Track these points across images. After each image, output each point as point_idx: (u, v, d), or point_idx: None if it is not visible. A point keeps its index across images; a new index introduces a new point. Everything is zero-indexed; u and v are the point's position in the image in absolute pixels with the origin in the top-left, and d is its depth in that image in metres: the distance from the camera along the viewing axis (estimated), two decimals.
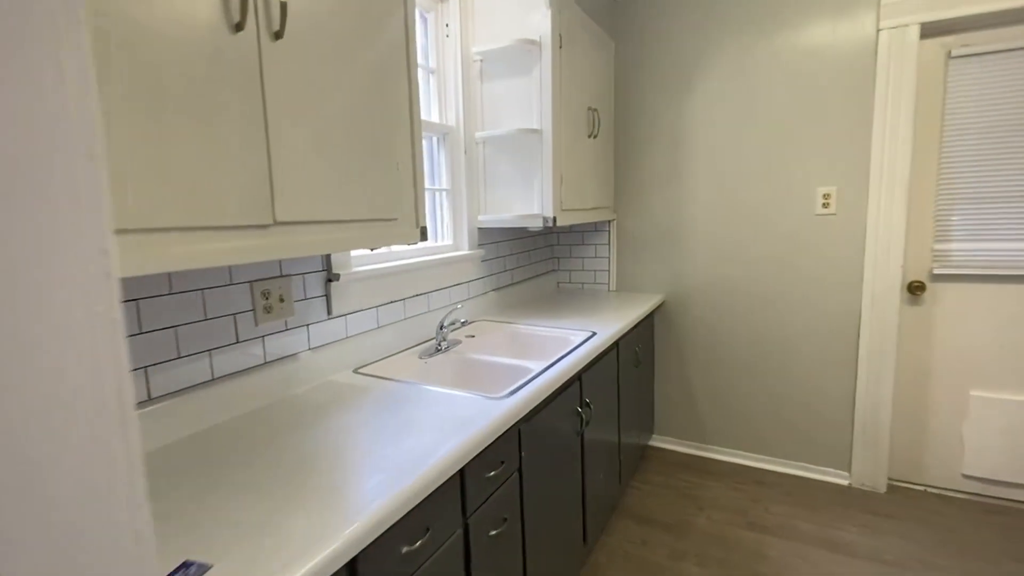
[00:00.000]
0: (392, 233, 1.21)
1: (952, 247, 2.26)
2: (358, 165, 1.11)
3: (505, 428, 1.23)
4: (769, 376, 2.58)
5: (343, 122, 1.08)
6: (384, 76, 1.19)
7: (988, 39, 2.12)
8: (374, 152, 1.15)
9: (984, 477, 2.30)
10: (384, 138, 1.18)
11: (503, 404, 1.28)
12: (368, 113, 1.14)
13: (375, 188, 1.16)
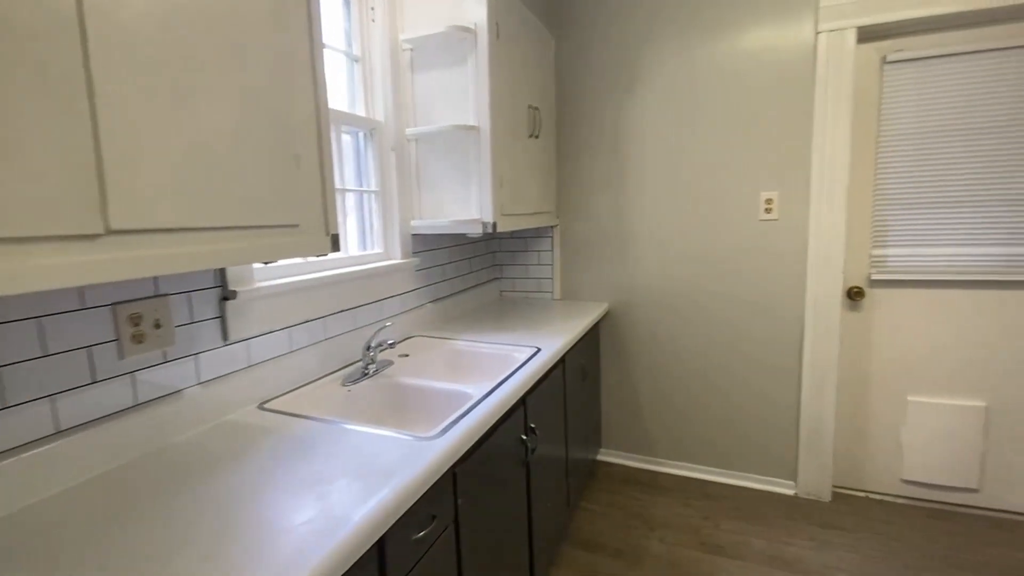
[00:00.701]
0: (291, 243, 0.97)
1: (889, 253, 2.25)
2: (239, 155, 0.87)
3: (438, 476, 1.02)
4: (715, 385, 2.49)
5: (216, 97, 0.84)
6: (279, 48, 0.96)
7: (923, 44, 2.12)
8: (263, 140, 0.91)
9: (923, 481, 2.31)
10: (278, 123, 0.94)
11: (436, 445, 1.07)
12: (254, 89, 0.90)
13: (265, 186, 0.91)
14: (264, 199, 0.91)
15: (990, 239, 2.10)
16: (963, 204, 2.12)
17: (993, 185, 2.08)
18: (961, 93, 2.08)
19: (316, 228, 1.03)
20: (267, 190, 0.92)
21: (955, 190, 2.13)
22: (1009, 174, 2.05)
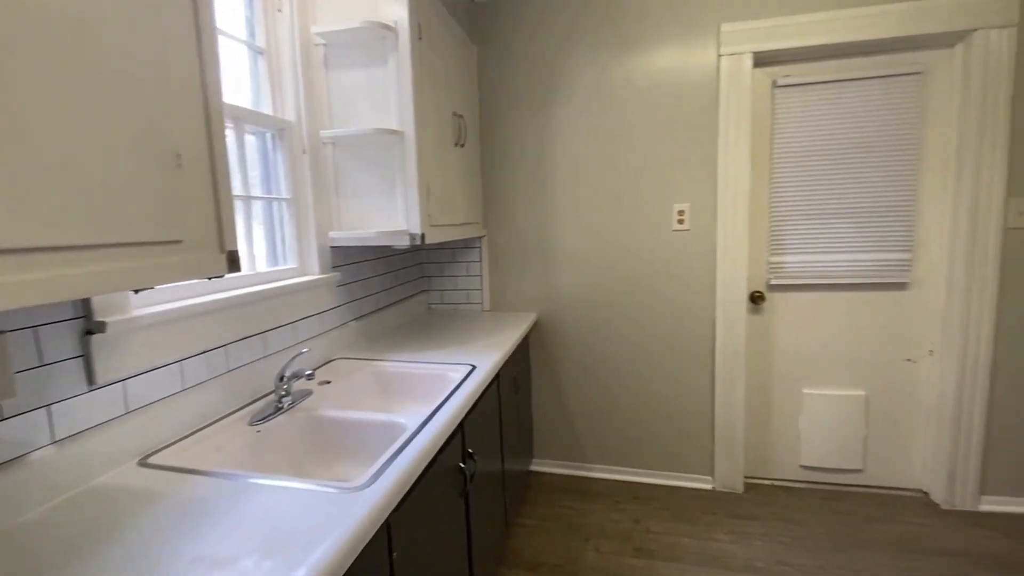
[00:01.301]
0: (173, 264, 0.73)
1: (784, 260, 2.33)
2: (93, 151, 0.62)
3: (370, 536, 0.82)
4: (638, 388, 2.46)
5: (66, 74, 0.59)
6: (151, 24, 0.71)
7: (806, 71, 2.22)
8: (127, 133, 0.66)
9: (817, 466, 2.41)
10: (149, 113, 0.70)
11: (367, 497, 0.86)
12: (116, 71, 0.65)
13: (132, 191, 0.67)
14: (130, 208, 0.66)
15: (864, 246, 2.24)
16: (841, 215, 2.24)
17: (865, 198, 2.21)
18: (835, 115, 2.20)
19: (207, 244, 0.78)
20: (134, 196, 0.67)
21: (834, 202, 2.24)
22: (878, 189, 2.19)
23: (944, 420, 2.20)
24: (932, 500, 2.27)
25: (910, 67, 2.12)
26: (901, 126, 2.15)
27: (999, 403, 2.13)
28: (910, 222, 2.19)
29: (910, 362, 2.29)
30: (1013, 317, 2.08)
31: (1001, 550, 1.92)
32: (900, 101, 2.14)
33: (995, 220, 2.03)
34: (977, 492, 2.19)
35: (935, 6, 1.98)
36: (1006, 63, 1.96)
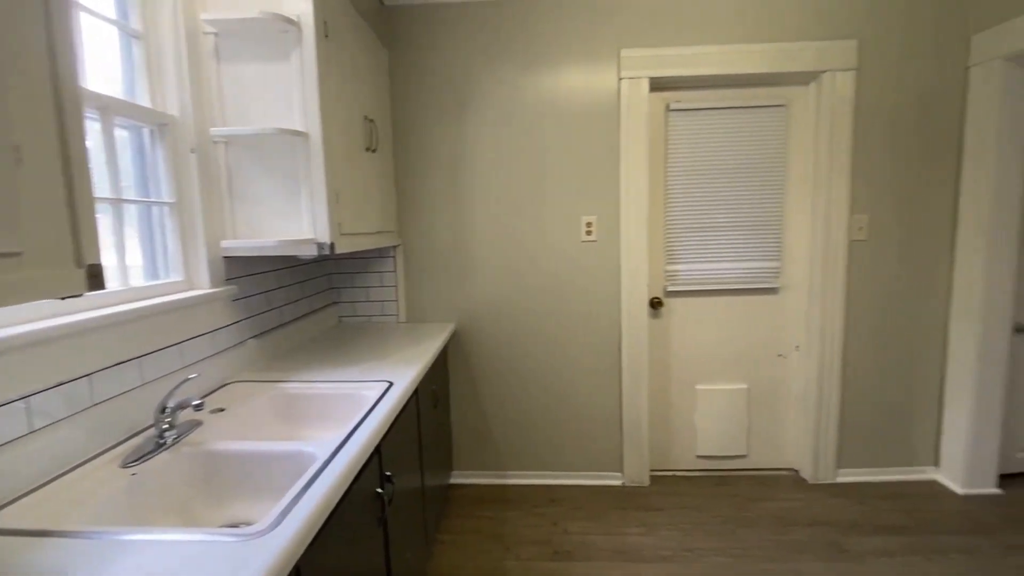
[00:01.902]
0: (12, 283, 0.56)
1: (678, 268, 2.48)
2: None
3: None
4: (551, 392, 2.47)
5: None
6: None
7: (695, 98, 2.39)
8: None
9: (711, 455, 2.59)
10: None
11: (272, 543, 0.73)
12: None
13: None
14: None
15: (744, 256, 2.45)
16: (725, 228, 2.43)
17: (744, 213, 2.42)
18: (719, 139, 2.39)
19: (58, 257, 0.61)
20: None
21: (719, 217, 2.43)
22: (754, 205, 2.41)
23: (808, 406, 2.46)
24: (801, 476, 2.52)
25: (776, 100, 2.36)
26: (771, 151, 2.39)
27: (849, 389, 2.43)
28: (779, 235, 2.44)
29: (781, 357, 2.54)
30: (856, 315, 2.38)
31: (853, 515, 2.18)
32: (769, 129, 2.38)
33: (842, 233, 2.32)
34: (835, 466, 2.47)
35: (796, 49, 2.23)
36: (849, 100, 2.25)
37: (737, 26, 2.24)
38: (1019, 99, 2.11)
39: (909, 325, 2.39)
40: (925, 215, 2.33)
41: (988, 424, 2.29)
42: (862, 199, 2.32)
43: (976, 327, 2.23)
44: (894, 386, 2.43)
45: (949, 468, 2.40)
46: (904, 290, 2.37)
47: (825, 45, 2.22)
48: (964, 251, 2.28)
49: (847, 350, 2.41)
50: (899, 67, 2.25)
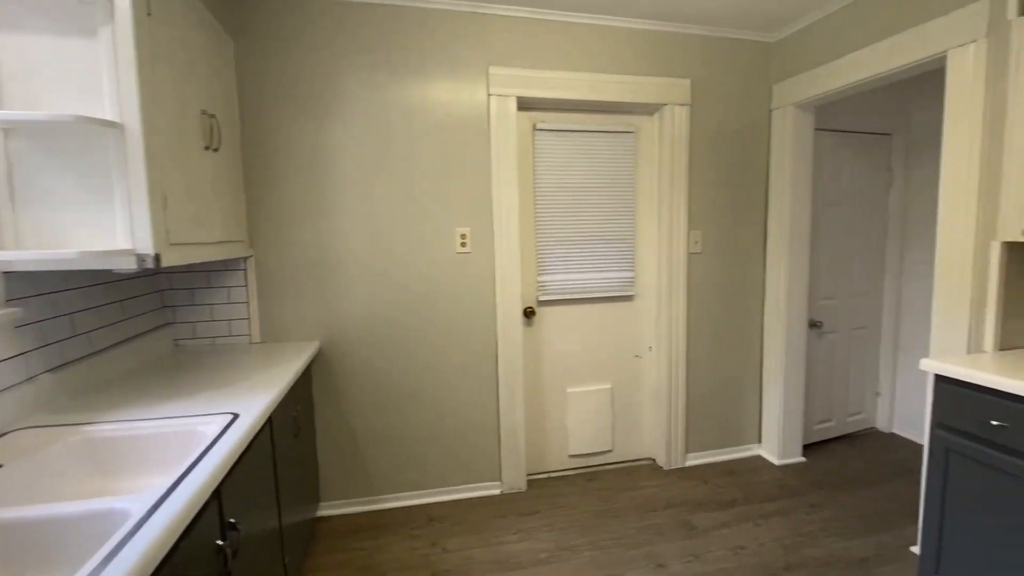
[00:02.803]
0: None
1: (548, 279, 2.59)
2: None
3: None
4: (427, 408, 2.39)
5: None
6: None
7: (559, 119, 2.53)
8: None
9: (581, 453, 2.72)
10: None
11: None
12: None
13: None
14: None
15: (604, 266, 2.64)
16: (588, 241, 2.61)
17: (603, 228, 2.62)
18: (581, 159, 2.56)
19: None
20: None
21: (583, 230, 2.60)
22: (612, 220, 2.62)
23: (660, 400, 2.72)
24: (657, 464, 2.78)
25: (628, 127, 2.60)
26: (624, 172, 2.62)
27: (693, 383, 2.74)
28: (633, 247, 2.68)
29: (638, 358, 2.78)
30: (696, 317, 2.71)
31: (700, 494, 2.45)
32: (623, 152, 2.61)
33: (682, 246, 2.62)
34: (684, 452, 2.76)
35: (644, 83, 2.48)
36: (684, 131, 2.56)
37: (595, 57, 2.43)
38: (806, 137, 2.59)
39: (736, 324, 2.78)
40: (744, 231, 2.73)
41: (794, 404, 2.75)
42: (696, 217, 2.65)
43: (782, 323, 2.67)
44: (726, 377, 2.81)
45: (768, 444, 2.83)
46: (731, 294, 2.75)
47: (665, 81, 2.51)
48: (772, 260, 2.72)
49: (690, 348, 2.72)
50: (722, 105, 2.62)
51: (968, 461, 1.47)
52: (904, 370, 3.14)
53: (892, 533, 2.09)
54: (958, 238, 1.77)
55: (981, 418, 1.42)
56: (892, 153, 3.04)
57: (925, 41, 1.85)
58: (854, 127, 2.91)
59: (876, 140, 2.99)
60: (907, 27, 1.93)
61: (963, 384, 1.48)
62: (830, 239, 2.93)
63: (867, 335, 3.13)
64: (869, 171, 3.00)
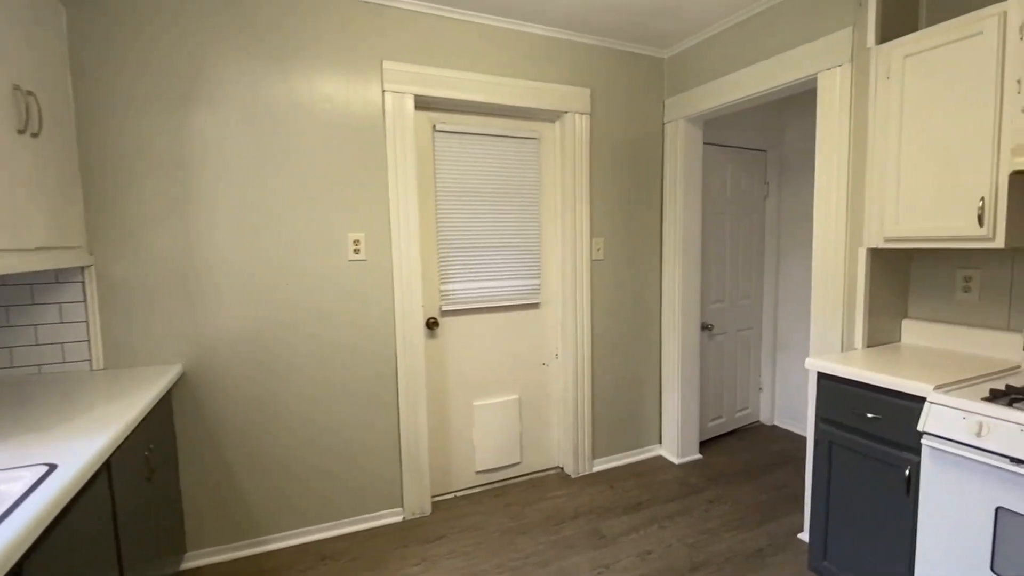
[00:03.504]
0: None
1: (452, 287, 2.53)
2: None
3: None
4: (319, 434, 2.21)
5: None
6: None
7: (459, 121, 2.49)
8: None
9: (488, 468, 2.68)
10: None
11: None
12: None
13: None
14: None
15: (510, 274, 2.64)
16: (493, 248, 2.59)
17: (508, 235, 2.62)
18: (484, 163, 2.54)
19: None
20: None
21: (488, 237, 2.58)
22: (516, 227, 2.63)
23: (568, 408, 2.78)
24: (565, 472, 2.82)
25: (531, 133, 2.63)
26: (529, 178, 2.65)
27: (598, 388, 2.83)
28: (538, 255, 2.71)
29: (545, 365, 2.81)
30: (599, 323, 2.81)
31: (607, 500, 2.52)
32: (527, 158, 2.63)
33: (586, 254, 2.71)
34: (591, 458, 2.84)
35: (545, 89, 2.52)
36: (585, 139, 2.65)
37: (497, 60, 2.42)
38: (696, 149, 2.81)
39: (637, 329, 2.93)
40: (642, 238, 2.89)
41: (691, 404, 2.95)
42: (598, 224, 2.75)
43: (678, 327, 2.86)
44: (629, 381, 2.94)
45: (668, 444, 3.00)
46: (631, 300, 2.89)
47: (567, 89, 2.58)
48: (668, 267, 2.91)
49: (595, 354, 2.80)
50: (621, 116, 2.76)
51: (849, 453, 1.64)
52: (782, 367, 3.51)
53: (780, 522, 2.30)
54: (830, 246, 2.01)
55: (858, 411, 1.60)
56: (767, 167, 3.41)
57: (799, 64, 2.08)
58: (736, 142, 3.22)
59: (754, 155, 3.33)
60: (783, 50, 2.16)
61: (842, 380, 1.66)
62: (718, 246, 3.21)
63: (751, 335, 3.46)
64: (749, 183, 3.33)
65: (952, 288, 1.82)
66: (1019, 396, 1.26)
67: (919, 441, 1.40)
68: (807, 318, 3.29)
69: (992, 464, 1.17)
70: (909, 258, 1.96)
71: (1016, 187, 1.42)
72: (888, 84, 1.66)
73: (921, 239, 1.60)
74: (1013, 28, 1.35)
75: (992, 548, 1.20)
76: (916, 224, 1.61)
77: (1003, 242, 1.40)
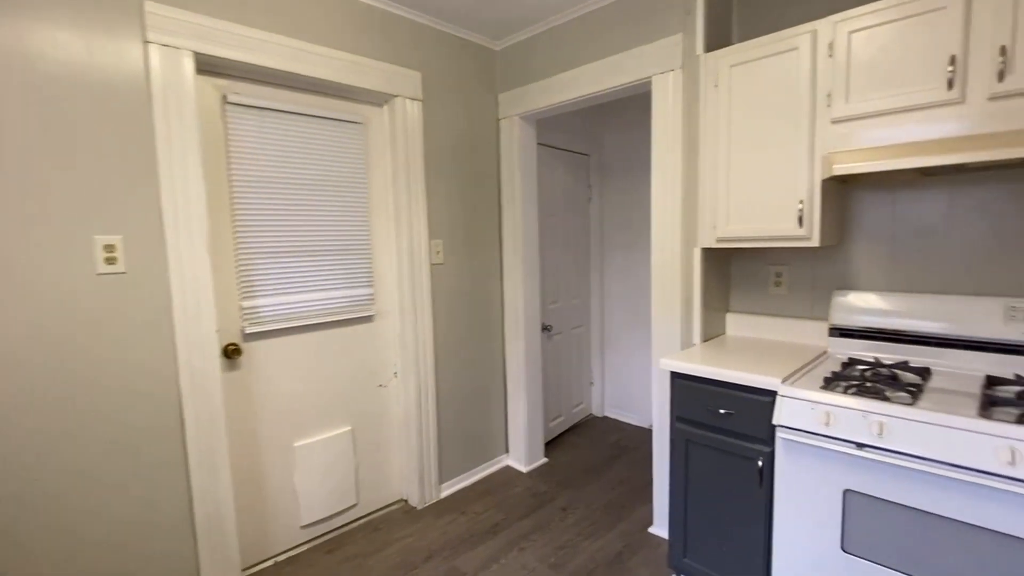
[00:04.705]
0: None
1: (259, 303, 2.05)
2: None
3: None
4: (66, 520, 1.54)
5: None
6: None
7: (259, 94, 2.02)
8: None
9: (317, 519, 2.26)
10: None
11: None
12: None
13: None
14: None
15: (335, 284, 2.26)
16: (312, 253, 2.18)
17: (331, 237, 2.24)
18: (296, 149, 2.12)
19: None
20: None
21: (305, 240, 2.16)
22: (341, 227, 2.26)
23: (411, 431, 2.51)
24: (410, 505, 2.55)
25: (354, 116, 2.28)
26: (353, 170, 2.29)
27: (443, 404, 2.63)
28: (369, 259, 2.37)
29: (382, 387, 2.49)
30: (442, 332, 2.60)
31: (460, 529, 2.34)
32: (350, 146, 2.27)
33: (424, 257, 2.47)
34: (439, 483, 2.62)
35: (369, 66, 2.20)
36: (418, 130, 2.41)
37: (310, 23, 2.02)
38: (531, 149, 2.79)
39: (481, 335, 2.80)
40: (482, 239, 2.77)
41: (536, 407, 2.94)
42: (436, 225, 2.54)
43: (521, 330, 2.82)
44: (475, 391, 2.80)
45: (516, 452, 2.95)
46: (474, 305, 2.76)
47: (396, 70, 2.30)
48: (509, 269, 2.85)
49: (439, 367, 2.59)
50: (456, 108, 2.58)
51: (705, 449, 1.74)
52: (610, 361, 3.78)
53: (631, 520, 2.41)
54: (668, 246, 2.13)
55: (712, 408, 1.70)
56: (591, 171, 3.62)
57: (634, 66, 2.17)
58: (563, 145, 3.33)
59: (579, 159, 3.51)
60: (618, 51, 2.23)
61: (695, 379, 1.74)
62: (552, 248, 3.28)
63: (582, 333, 3.64)
64: (576, 186, 3.49)
65: (766, 283, 2.10)
66: (851, 383, 1.46)
67: (772, 433, 1.53)
68: (630, 314, 3.59)
69: (840, 450, 1.32)
70: (730, 257, 2.21)
71: (828, 192, 1.67)
72: (717, 92, 1.82)
73: (750, 239, 1.79)
74: (823, 46, 1.56)
75: (842, 529, 1.36)
76: (746, 225, 1.80)
77: (818, 241, 1.62)
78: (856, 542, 1.35)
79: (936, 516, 1.23)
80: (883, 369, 1.58)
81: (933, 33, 1.37)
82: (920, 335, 1.65)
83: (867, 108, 1.49)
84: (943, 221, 1.66)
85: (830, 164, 1.52)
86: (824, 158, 1.57)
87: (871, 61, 1.48)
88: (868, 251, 1.82)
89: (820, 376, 1.55)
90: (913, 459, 1.23)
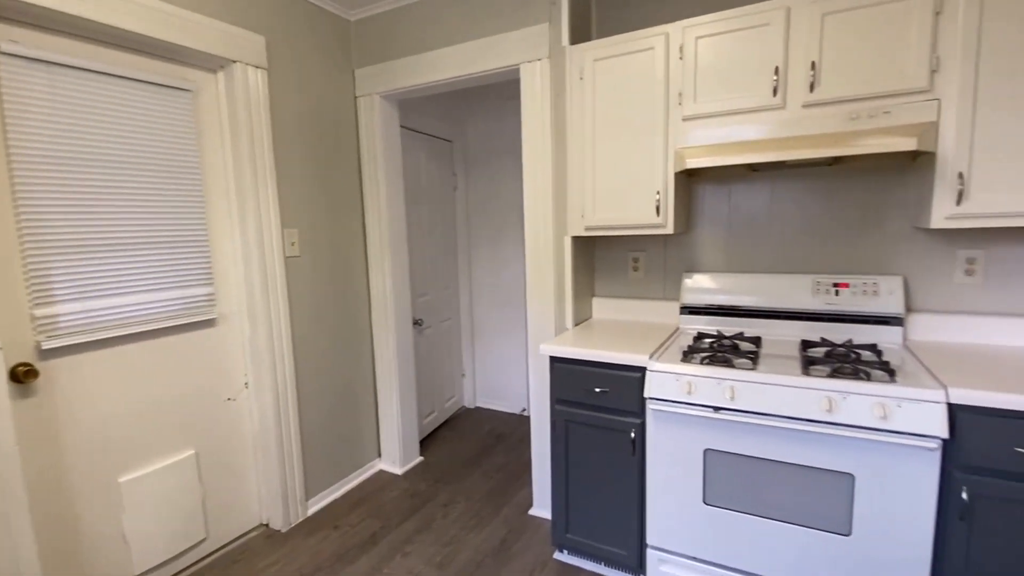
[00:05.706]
0: None
1: (59, 311, 1.69)
2: None
3: None
4: None
5: None
6: None
7: (47, 43, 1.65)
8: None
9: (156, 564, 1.97)
10: None
11: None
12: None
13: None
14: None
15: (164, 283, 1.96)
16: (132, 247, 1.86)
17: (157, 226, 1.93)
18: (106, 119, 1.79)
19: None
20: None
21: (121, 231, 1.84)
22: (170, 215, 1.96)
23: (270, 446, 2.30)
24: (273, 528, 2.35)
25: (181, 82, 1.98)
26: (182, 148, 1.99)
27: (306, 412, 2.45)
28: (208, 253, 2.10)
29: (231, 400, 2.24)
30: (301, 333, 2.41)
31: (334, 546, 2.22)
32: (176, 118, 1.97)
33: (277, 249, 2.26)
34: (305, 500, 2.44)
35: (199, 23, 1.93)
36: (264, 102, 2.18)
37: None
38: (393, 131, 2.70)
39: (346, 333, 2.66)
40: (342, 229, 2.62)
41: (409, 406, 2.89)
42: (290, 212, 2.33)
43: (391, 325, 2.74)
44: (342, 396, 2.65)
45: (389, 454, 2.87)
46: (337, 302, 2.60)
47: (234, 31, 2.04)
48: (374, 261, 2.74)
49: (299, 372, 2.40)
50: (308, 80, 2.38)
51: (583, 428, 1.88)
52: (480, 351, 3.86)
53: (511, 505, 2.51)
54: (541, 235, 2.23)
55: (588, 388, 1.83)
56: (454, 159, 3.62)
57: (502, 52, 2.20)
58: (427, 130, 3.29)
59: (442, 145, 3.49)
60: (486, 35, 2.25)
61: (572, 361, 1.87)
62: (419, 237, 3.23)
63: (452, 325, 3.66)
64: (440, 173, 3.47)
65: (626, 268, 2.33)
66: (704, 354, 1.69)
67: (643, 406, 1.71)
68: (498, 303, 3.70)
69: (700, 415, 1.53)
70: (594, 244, 2.40)
71: (679, 183, 1.89)
72: (582, 84, 1.95)
73: (616, 227, 1.96)
74: (675, 48, 1.76)
75: (703, 484, 1.58)
76: (610, 213, 1.96)
77: (672, 228, 1.84)
78: (715, 494, 1.59)
79: (774, 462, 1.50)
80: (726, 340, 1.86)
81: (762, 45, 1.64)
82: (751, 309, 1.99)
83: (711, 108, 1.73)
84: (766, 211, 2.01)
85: (682, 158, 1.74)
86: (677, 152, 1.78)
87: (714, 65, 1.72)
88: (710, 237, 2.13)
89: (679, 350, 1.78)
90: (758, 416, 1.49)
